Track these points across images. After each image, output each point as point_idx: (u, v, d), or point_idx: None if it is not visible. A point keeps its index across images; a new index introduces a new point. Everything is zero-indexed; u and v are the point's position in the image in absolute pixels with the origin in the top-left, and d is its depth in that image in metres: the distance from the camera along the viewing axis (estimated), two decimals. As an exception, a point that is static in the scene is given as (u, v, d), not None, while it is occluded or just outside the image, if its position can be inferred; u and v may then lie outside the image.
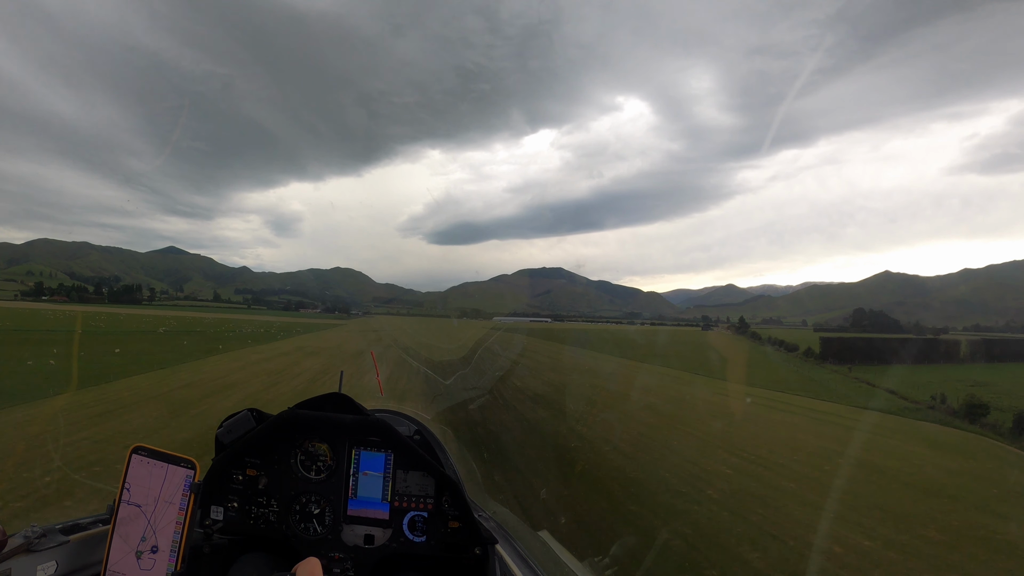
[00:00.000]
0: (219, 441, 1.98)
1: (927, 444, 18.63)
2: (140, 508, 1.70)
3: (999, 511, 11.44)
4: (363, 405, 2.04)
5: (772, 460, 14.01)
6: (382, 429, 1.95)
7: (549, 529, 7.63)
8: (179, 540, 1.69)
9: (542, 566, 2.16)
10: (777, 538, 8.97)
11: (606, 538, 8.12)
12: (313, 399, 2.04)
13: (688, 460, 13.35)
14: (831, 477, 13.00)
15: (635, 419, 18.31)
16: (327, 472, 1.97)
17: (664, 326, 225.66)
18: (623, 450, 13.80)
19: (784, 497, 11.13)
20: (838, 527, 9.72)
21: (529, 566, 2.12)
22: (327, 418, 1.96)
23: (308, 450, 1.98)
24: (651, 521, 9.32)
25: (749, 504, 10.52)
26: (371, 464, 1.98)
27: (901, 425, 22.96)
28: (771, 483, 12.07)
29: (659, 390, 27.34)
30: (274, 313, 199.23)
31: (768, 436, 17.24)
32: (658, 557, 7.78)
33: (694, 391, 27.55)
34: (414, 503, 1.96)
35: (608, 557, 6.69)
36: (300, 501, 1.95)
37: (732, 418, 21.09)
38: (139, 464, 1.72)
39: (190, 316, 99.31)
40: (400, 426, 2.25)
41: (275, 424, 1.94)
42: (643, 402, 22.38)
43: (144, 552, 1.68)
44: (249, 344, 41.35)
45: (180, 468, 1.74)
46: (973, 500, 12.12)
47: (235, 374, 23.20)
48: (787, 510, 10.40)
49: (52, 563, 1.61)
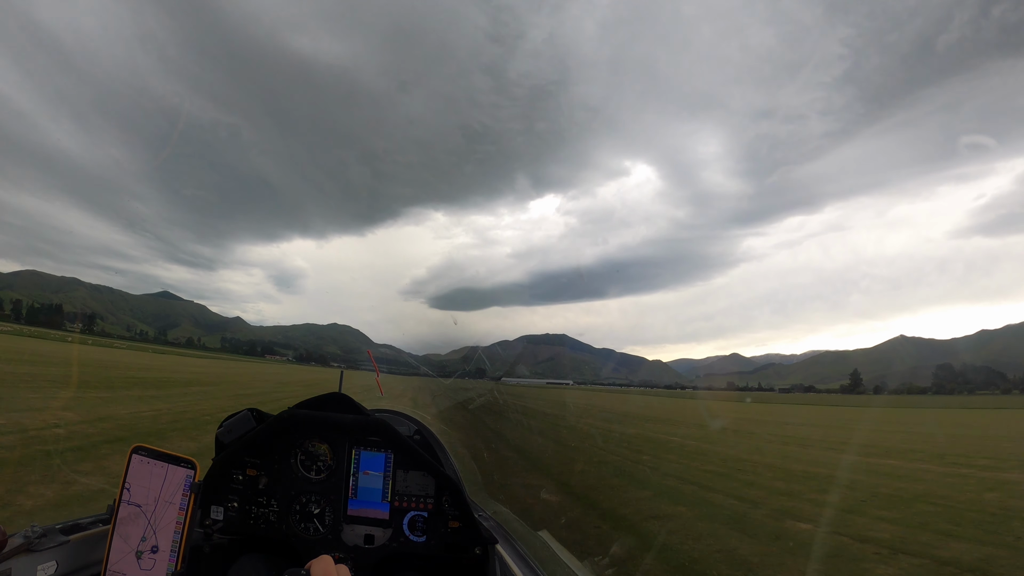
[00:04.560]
0: (219, 441, 1.98)
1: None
2: (140, 508, 1.70)
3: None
4: (363, 405, 2.04)
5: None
6: (382, 429, 1.95)
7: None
8: (179, 540, 1.69)
9: (542, 566, 2.16)
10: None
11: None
12: (313, 399, 2.04)
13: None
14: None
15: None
16: (327, 472, 1.97)
17: (718, 391, 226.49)
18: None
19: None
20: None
21: (529, 566, 2.12)
22: (327, 418, 1.96)
23: (308, 450, 1.98)
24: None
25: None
26: (371, 464, 1.98)
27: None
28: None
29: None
30: (233, 357, 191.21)
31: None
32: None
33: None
34: (414, 503, 1.96)
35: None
36: (300, 501, 1.95)
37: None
38: (139, 464, 1.72)
39: (92, 351, 62.20)
40: (400, 426, 2.25)
41: (275, 424, 1.94)
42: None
43: (144, 552, 1.68)
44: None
45: (180, 468, 1.74)
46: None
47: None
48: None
49: (52, 563, 1.61)
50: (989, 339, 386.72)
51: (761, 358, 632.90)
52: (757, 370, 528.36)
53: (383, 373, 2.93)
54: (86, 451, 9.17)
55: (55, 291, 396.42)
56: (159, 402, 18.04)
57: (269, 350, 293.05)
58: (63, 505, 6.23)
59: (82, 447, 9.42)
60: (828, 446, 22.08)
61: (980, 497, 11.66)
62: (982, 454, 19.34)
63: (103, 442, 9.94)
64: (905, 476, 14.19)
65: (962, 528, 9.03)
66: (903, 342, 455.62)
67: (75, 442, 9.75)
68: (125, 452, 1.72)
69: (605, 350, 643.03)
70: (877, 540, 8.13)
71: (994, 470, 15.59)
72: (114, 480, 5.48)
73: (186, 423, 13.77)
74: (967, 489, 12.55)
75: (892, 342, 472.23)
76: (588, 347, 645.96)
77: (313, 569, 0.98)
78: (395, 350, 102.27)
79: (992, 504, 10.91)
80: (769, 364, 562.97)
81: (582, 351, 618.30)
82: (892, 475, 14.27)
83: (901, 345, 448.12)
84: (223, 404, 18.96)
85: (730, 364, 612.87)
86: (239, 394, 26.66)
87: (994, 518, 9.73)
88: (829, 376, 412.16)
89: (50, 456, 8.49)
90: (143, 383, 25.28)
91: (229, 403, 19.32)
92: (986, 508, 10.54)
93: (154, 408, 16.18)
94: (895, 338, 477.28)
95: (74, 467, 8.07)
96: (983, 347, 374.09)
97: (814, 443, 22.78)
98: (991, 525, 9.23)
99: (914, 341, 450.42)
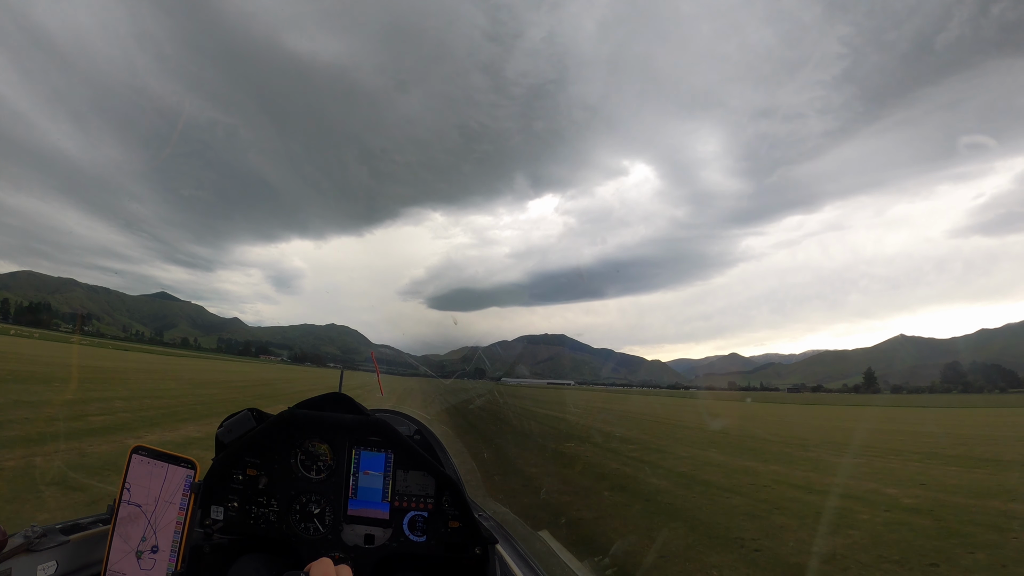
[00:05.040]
0: (219, 441, 1.98)
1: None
2: (140, 508, 1.70)
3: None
4: (363, 405, 2.04)
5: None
6: (382, 429, 1.95)
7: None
8: (179, 540, 1.69)
9: (542, 566, 2.16)
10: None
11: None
12: (313, 399, 2.04)
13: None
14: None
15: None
16: (327, 472, 1.97)
17: (719, 390, 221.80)
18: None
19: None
20: None
21: (529, 566, 2.12)
22: (327, 418, 1.96)
23: (308, 450, 1.98)
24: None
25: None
26: (371, 464, 1.98)
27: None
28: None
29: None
30: (222, 357, 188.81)
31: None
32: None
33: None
34: (414, 503, 1.96)
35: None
36: (300, 501, 1.95)
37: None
38: (139, 464, 1.72)
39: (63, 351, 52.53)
40: (400, 426, 2.24)
41: (275, 424, 1.94)
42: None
43: (144, 552, 1.68)
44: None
45: (180, 468, 1.74)
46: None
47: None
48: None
49: (52, 563, 1.61)
50: (989, 338, 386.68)
51: (760, 358, 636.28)
52: (757, 370, 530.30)
53: (383, 373, 2.93)
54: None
55: (52, 292, 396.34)
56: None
57: (263, 350, 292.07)
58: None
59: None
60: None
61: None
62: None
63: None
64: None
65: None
66: (903, 341, 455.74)
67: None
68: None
69: (604, 350, 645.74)
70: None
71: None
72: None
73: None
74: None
75: (892, 341, 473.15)
76: (587, 347, 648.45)
77: (313, 572, 0.98)
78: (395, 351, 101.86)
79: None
80: (769, 364, 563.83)
81: (581, 351, 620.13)
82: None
83: (901, 344, 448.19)
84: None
85: (729, 364, 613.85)
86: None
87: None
88: (830, 375, 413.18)
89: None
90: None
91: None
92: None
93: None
94: (895, 337, 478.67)
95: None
96: (984, 346, 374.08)
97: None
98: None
99: (914, 340, 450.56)
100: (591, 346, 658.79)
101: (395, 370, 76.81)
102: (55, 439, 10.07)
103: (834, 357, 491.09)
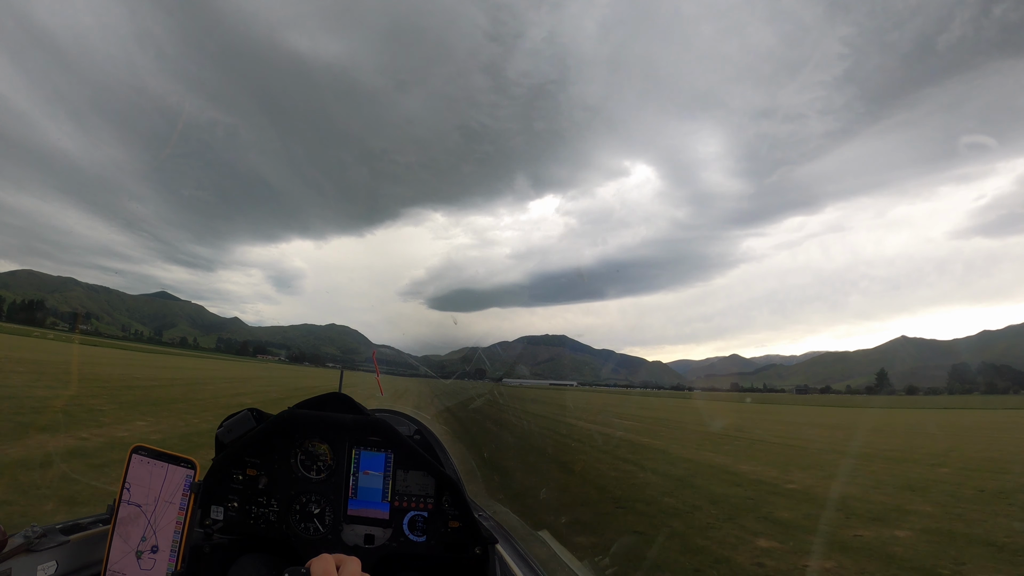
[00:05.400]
0: (219, 441, 1.98)
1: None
2: (140, 508, 1.70)
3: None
4: (363, 405, 2.04)
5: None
6: (382, 429, 1.95)
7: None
8: (179, 540, 1.69)
9: (542, 566, 2.16)
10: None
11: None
12: (313, 399, 2.04)
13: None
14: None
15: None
16: (327, 472, 1.97)
17: (721, 392, 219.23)
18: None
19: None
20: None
21: (529, 566, 2.12)
22: (327, 418, 1.96)
23: (308, 450, 1.98)
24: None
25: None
26: (371, 464, 1.98)
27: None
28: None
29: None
30: (220, 356, 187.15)
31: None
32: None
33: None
34: (414, 503, 1.96)
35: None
36: (300, 501, 1.94)
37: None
38: (139, 464, 1.72)
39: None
40: (400, 426, 2.24)
41: (275, 424, 1.94)
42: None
43: (144, 552, 1.68)
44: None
45: (180, 468, 1.74)
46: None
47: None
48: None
49: (52, 563, 1.61)
50: (991, 340, 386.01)
51: (761, 359, 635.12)
52: (758, 371, 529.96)
53: (383, 374, 2.92)
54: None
55: (51, 291, 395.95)
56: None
57: (261, 350, 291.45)
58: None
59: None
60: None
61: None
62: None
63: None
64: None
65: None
66: (904, 343, 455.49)
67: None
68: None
69: (605, 351, 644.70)
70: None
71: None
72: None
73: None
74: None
75: (893, 343, 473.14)
76: (588, 348, 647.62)
77: (313, 568, 0.98)
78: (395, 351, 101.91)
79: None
80: (769, 365, 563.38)
81: (582, 352, 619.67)
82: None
83: (902, 346, 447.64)
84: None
85: (730, 365, 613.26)
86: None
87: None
88: (831, 377, 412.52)
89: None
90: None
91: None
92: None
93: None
94: (896, 339, 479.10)
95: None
96: (985, 348, 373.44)
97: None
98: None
99: (915, 342, 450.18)
100: (592, 347, 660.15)
101: (396, 370, 76.73)
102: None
103: (835, 358, 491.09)
